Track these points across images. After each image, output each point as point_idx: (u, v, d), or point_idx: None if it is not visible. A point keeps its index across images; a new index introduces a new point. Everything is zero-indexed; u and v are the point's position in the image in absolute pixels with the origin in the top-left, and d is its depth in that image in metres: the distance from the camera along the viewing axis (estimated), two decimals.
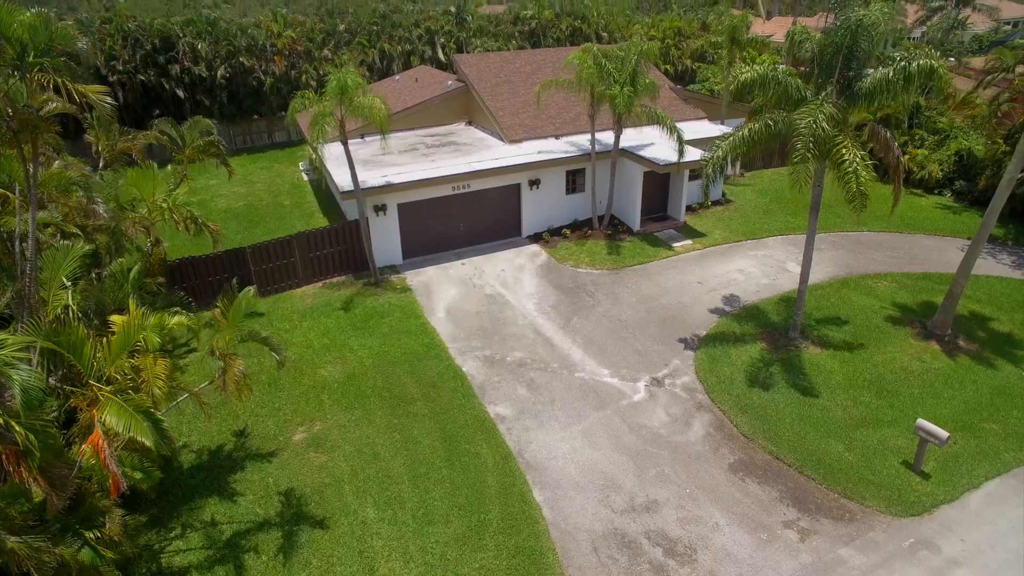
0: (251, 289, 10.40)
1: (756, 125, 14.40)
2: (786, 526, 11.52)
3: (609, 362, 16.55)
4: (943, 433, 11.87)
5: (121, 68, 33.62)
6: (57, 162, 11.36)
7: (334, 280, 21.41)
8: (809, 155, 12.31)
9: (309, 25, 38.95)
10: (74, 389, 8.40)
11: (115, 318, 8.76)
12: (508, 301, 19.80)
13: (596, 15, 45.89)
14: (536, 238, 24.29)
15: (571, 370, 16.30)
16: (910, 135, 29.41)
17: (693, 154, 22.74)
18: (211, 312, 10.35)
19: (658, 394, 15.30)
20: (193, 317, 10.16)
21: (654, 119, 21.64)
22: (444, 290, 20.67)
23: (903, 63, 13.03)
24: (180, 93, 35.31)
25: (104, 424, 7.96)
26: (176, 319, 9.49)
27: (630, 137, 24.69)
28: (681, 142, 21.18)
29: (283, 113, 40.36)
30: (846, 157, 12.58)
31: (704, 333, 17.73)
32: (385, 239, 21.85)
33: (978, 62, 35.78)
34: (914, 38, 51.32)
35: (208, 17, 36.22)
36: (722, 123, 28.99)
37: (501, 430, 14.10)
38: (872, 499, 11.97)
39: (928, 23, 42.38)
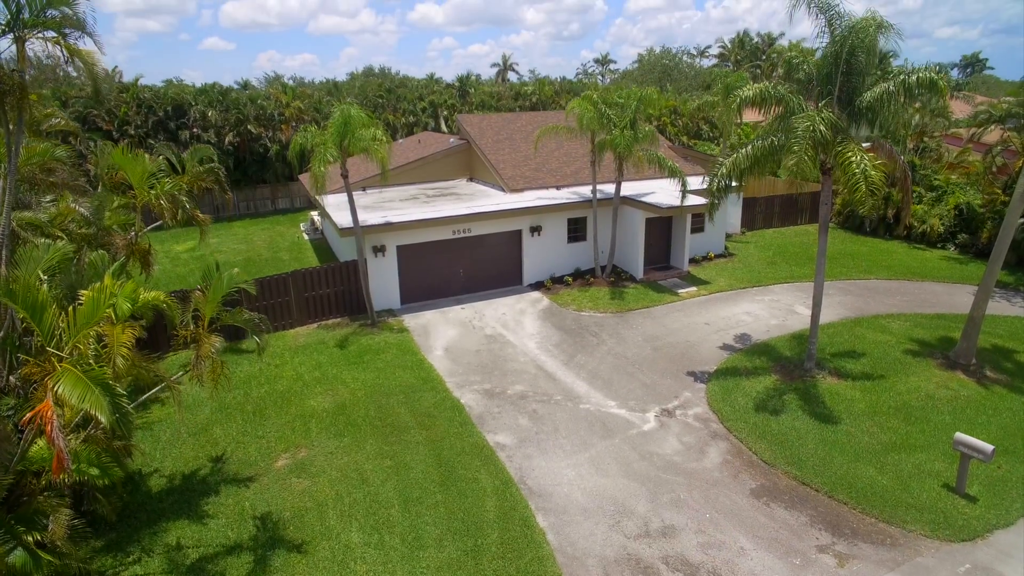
0: (236, 269, 9.81)
1: (758, 142, 14.29)
2: (820, 551, 10.25)
3: (616, 395, 15.60)
4: (987, 446, 10.83)
5: (132, 132, 34.51)
6: (45, 144, 11.10)
7: (329, 321, 20.73)
8: (806, 157, 12.03)
9: (317, 97, 40.48)
10: (28, 358, 7.61)
11: (84, 292, 8.09)
12: (509, 340, 19.04)
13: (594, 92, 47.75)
14: (538, 286, 23.83)
15: (575, 402, 15.32)
16: (902, 219, 29.56)
17: (695, 201, 22.71)
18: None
19: (669, 424, 14.27)
20: (171, 298, 9.47)
21: (655, 162, 21.75)
22: (443, 331, 19.95)
23: (903, 76, 13.08)
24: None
25: (57, 394, 7.10)
26: (153, 293, 8.81)
27: (631, 188, 24.82)
28: (684, 182, 21.18)
29: (287, 180, 41.20)
30: (853, 160, 12.31)
31: (714, 368, 16.86)
32: (383, 282, 21.37)
33: (964, 131, 36.76)
34: None
35: (220, 87, 37.60)
36: None
37: (501, 457, 12.98)
38: (915, 523, 10.75)
39: None
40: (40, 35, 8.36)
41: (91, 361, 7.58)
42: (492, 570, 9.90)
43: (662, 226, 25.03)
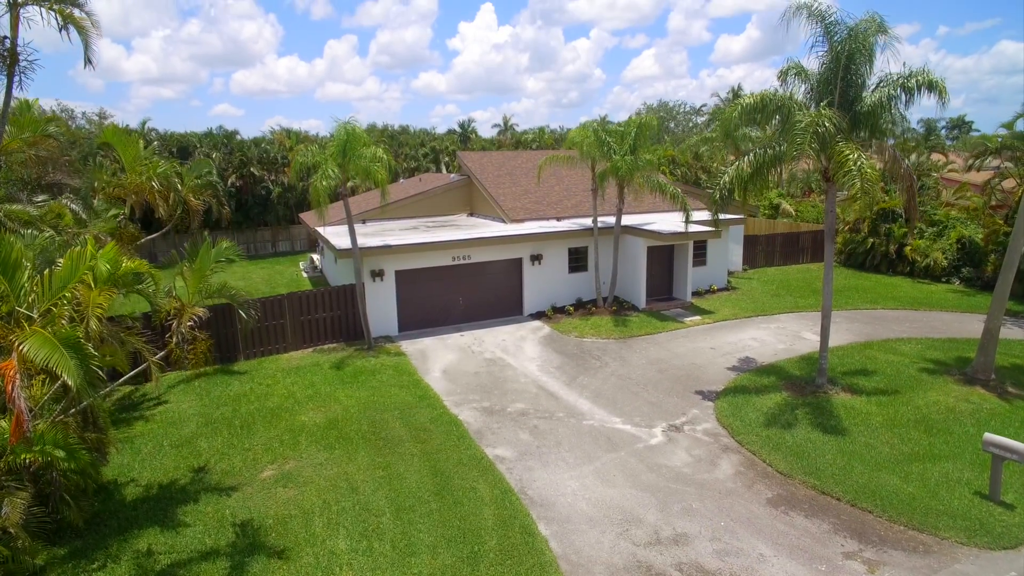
0: (224, 241, 9.44)
1: (760, 151, 14.20)
2: (847, 557, 9.42)
3: (621, 412, 14.92)
4: (1021, 446, 10.15)
5: None
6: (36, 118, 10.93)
7: (325, 346, 20.17)
8: (810, 148, 11.84)
9: (320, 142, 41.10)
10: None
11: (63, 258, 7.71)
12: (509, 363, 18.45)
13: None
14: (538, 315, 23.37)
15: (579, 418, 14.63)
16: (909, 227, 29.59)
17: (697, 229, 22.56)
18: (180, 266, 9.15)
19: (677, 438, 13.54)
20: (153, 265, 9.04)
21: (656, 188, 21.73)
22: (441, 355, 19.38)
23: (902, 80, 13.10)
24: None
25: (22, 353, 6.60)
26: (136, 261, 8.40)
27: (632, 220, 24.77)
28: (686, 206, 21.06)
29: (289, 223, 41.35)
30: (850, 156, 12.10)
31: (722, 387, 16.22)
32: (381, 307, 20.94)
33: (960, 172, 37.17)
34: None
35: (225, 130, 38.27)
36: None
37: (500, 469, 12.22)
38: (948, 530, 9.94)
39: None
40: (37, 2, 8.33)
41: (62, 322, 7.11)
42: None
43: (664, 257, 24.79)
